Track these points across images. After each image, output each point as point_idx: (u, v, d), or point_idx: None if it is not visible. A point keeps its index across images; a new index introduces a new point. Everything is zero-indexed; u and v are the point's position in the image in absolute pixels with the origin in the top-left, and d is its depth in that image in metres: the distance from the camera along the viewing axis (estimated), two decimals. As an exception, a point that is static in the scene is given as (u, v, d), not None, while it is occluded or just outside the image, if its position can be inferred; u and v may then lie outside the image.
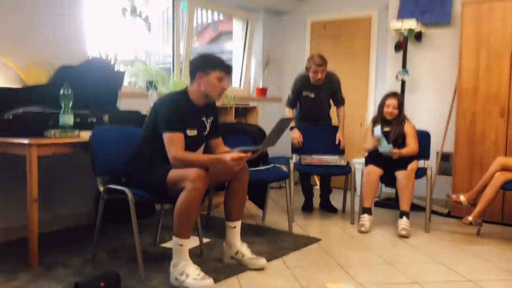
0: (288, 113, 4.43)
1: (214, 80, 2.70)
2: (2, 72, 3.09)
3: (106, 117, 3.18)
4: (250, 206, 4.38)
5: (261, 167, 3.78)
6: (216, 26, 8.03)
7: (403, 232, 3.60)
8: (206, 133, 2.87)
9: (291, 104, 4.42)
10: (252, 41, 5.81)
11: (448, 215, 4.31)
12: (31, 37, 3.28)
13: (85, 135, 2.87)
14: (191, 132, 2.72)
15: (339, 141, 4.29)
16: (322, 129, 4.41)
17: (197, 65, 2.73)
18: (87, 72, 3.35)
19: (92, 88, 3.33)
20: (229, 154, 2.58)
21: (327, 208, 4.49)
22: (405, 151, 3.82)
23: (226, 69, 2.74)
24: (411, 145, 3.88)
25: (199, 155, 2.67)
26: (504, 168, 3.55)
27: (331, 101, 4.46)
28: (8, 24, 3.14)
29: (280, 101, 6.00)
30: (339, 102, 4.42)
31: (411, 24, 4.46)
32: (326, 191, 4.54)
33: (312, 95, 4.30)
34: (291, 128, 4.21)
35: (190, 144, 2.70)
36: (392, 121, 3.97)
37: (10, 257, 2.89)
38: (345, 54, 5.56)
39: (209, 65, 2.70)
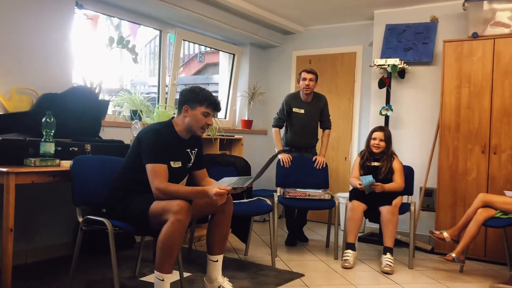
0: (275, 133, 4.47)
1: (199, 115, 2.69)
2: (-17, 98, 3.05)
3: (88, 146, 3.14)
4: (233, 240, 4.32)
5: (245, 200, 3.74)
6: (203, 58, 8.11)
7: (387, 269, 3.57)
8: (190, 164, 2.84)
9: (278, 121, 4.48)
10: (238, 74, 5.87)
11: (431, 251, 4.29)
12: (15, 65, 3.25)
13: (66, 164, 2.81)
14: (175, 164, 2.69)
15: (323, 164, 4.34)
16: (307, 163, 4.41)
17: (185, 98, 2.73)
18: (70, 100, 3.32)
19: (75, 116, 3.30)
20: (214, 188, 2.53)
21: (299, 238, 4.51)
22: (389, 186, 3.82)
23: (213, 105, 2.73)
24: (397, 181, 3.89)
25: (182, 187, 2.63)
26: (486, 205, 3.57)
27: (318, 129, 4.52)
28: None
29: (265, 133, 6.03)
30: (326, 122, 4.49)
31: (394, 61, 4.56)
32: (301, 222, 4.55)
33: (302, 111, 4.38)
34: (279, 153, 4.19)
35: (174, 176, 2.67)
36: (380, 156, 3.98)
37: (-19, 290, 2.77)
38: (330, 89, 5.64)
39: (197, 99, 2.69)
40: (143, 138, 2.64)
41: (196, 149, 2.86)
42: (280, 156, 4.30)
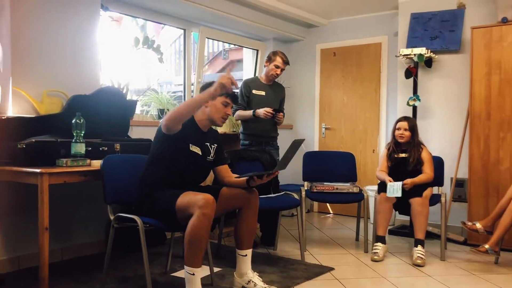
0: (238, 113, 4.00)
1: (219, 105, 2.79)
2: (17, 103, 3.15)
3: (117, 146, 3.21)
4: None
5: (272, 195, 3.75)
6: (227, 55, 8.15)
7: (419, 261, 3.52)
8: (210, 158, 2.87)
9: (236, 110, 3.99)
10: (262, 69, 5.85)
11: (464, 243, 4.21)
12: (46, 69, 3.34)
13: (97, 163, 2.89)
14: (195, 148, 2.74)
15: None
16: (333, 156, 4.39)
17: (206, 89, 2.78)
18: (99, 101, 3.39)
19: (104, 116, 3.37)
20: (216, 85, 2.54)
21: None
22: (418, 179, 3.76)
23: (232, 96, 2.83)
24: (427, 172, 3.83)
25: (185, 102, 2.66)
26: (521, 194, 3.47)
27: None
28: (24, 58, 3.21)
29: (291, 128, 6.02)
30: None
31: (421, 50, 4.47)
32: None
33: (263, 93, 4.04)
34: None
35: (195, 164, 2.74)
36: (407, 146, 3.92)
37: (21, 286, 2.87)
38: (355, 81, 5.58)
39: None
40: (162, 121, 2.71)
41: (215, 145, 2.90)
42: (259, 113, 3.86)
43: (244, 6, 4.81)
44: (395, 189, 3.66)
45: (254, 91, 4.05)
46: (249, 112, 3.92)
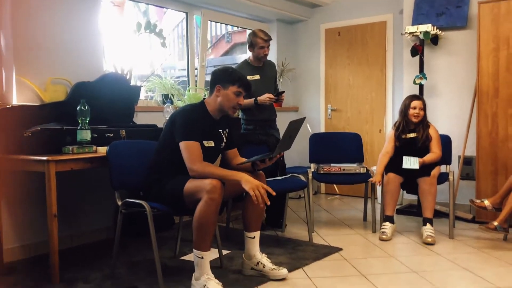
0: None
1: (231, 94, 2.72)
2: (21, 92, 3.14)
3: (123, 132, 3.20)
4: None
5: (279, 177, 3.75)
6: (230, 38, 8.08)
7: (429, 239, 3.51)
8: (223, 145, 2.86)
9: None
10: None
11: (472, 220, 4.20)
12: (49, 57, 3.32)
13: (102, 150, 2.89)
14: (208, 143, 2.71)
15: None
16: (340, 137, 4.36)
17: (218, 78, 2.77)
18: (103, 88, 3.38)
19: (108, 103, 3.36)
20: (253, 181, 2.51)
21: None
22: (428, 158, 3.73)
23: (245, 85, 2.77)
24: (434, 151, 3.80)
25: (217, 169, 2.63)
26: (530, 171, 3.45)
27: None
28: (26, 47, 3.19)
29: (297, 110, 5.99)
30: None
31: (426, 27, 4.40)
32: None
33: (257, 76, 3.91)
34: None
35: (207, 155, 2.69)
36: (416, 126, 3.88)
37: (31, 273, 2.90)
38: (361, 61, 5.53)
39: (229, 79, 2.73)
40: (177, 117, 2.68)
41: (227, 130, 2.88)
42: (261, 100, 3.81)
43: (246, -13, 4.75)
44: (411, 161, 3.66)
45: (248, 77, 3.85)
46: (249, 101, 3.81)
